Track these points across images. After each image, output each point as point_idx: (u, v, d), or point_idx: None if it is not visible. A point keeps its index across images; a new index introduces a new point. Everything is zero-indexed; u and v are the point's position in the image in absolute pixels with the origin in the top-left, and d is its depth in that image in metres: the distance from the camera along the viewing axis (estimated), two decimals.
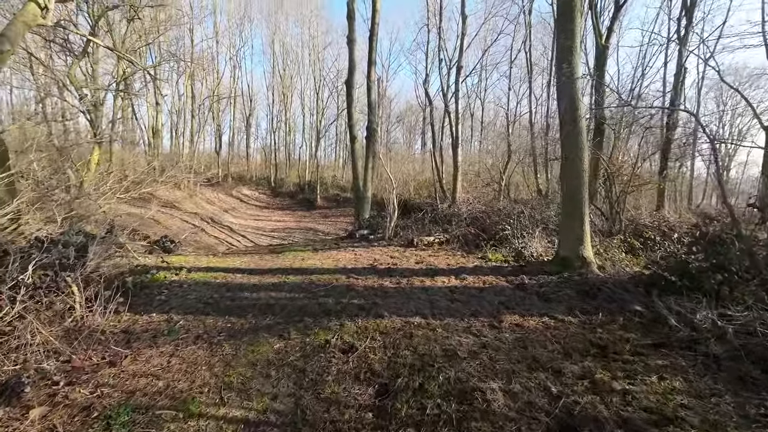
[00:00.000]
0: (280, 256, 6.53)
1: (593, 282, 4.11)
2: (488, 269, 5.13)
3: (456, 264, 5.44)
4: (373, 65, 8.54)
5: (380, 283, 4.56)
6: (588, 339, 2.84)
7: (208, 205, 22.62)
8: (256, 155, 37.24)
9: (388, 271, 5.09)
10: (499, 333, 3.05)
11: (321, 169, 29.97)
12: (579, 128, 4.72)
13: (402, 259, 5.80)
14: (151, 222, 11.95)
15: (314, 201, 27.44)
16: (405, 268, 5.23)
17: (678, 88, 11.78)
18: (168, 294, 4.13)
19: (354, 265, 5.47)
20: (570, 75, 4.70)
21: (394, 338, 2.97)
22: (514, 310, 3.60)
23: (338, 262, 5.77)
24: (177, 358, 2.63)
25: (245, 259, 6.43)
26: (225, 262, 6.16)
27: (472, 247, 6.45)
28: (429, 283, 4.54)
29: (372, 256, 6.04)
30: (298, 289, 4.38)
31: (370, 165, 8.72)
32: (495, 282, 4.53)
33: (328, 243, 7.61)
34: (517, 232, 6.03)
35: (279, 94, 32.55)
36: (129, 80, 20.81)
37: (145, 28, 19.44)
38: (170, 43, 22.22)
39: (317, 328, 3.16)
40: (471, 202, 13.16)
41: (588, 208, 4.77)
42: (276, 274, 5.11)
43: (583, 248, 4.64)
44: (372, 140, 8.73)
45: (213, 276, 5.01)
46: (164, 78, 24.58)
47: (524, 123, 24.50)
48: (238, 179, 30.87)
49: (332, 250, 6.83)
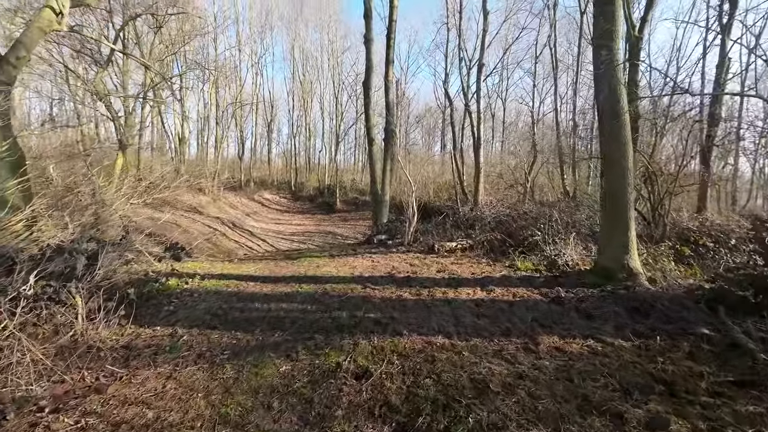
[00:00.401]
0: (295, 263, 6.31)
1: (644, 297, 3.58)
2: (517, 279, 4.66)
3: (481, 273, 5.00)
4: (391, 64, 8.25)
5: (398, 294, 4.20)
6: (648, 371, 2.36)
7: (230, 209, 23.09)
8: (278, 160, 37.92)
9: (407, 280, 4.72)
10: (537, 359, 2.62)
11: (340, 173, 30.03)
12: (622, 122, 4.20)
13: (422, 267, 5.42)
14: (173, 226, 12.17)
15: (333, 204, 27.48)
16: (425, 277, 4.84)
17: (721, 81, 10.75)
18: (177, 304, 3.96)
19: (371, 273, 5.14)
20: (610, 62, 4.19)
21: (414, 362, 2.61)
22: (551, 329, 3.14)
23: (354, 269, 5.47)
24: (173, 382, 2.38)
25: (260, 265, 6.25)
26: (239, 268, 6.00)
27: (498, 254, 5.98)
28: (452, 294, 4.14)
29: (390, 264, 5.69)
30: (311, 300, 4.10)
31: (388, 168, 8.40)
32: (526, 295, 4.07)
33: (345, 249, 7.34)
34: (549, 237, 5.51)
35: (299, 99, 32.99)
36: (157, 89, 21.66)
37: (171, 38, 20.18)
38: (195, 52, 22.95)
39: (328, 348, 2.85)
40: (494, 204, 12.56)
41: (633, 212, 4.22)
42: (289, 282, 4.86)
43: (628, 257, 4.09)
44: (390, 142, 8.42)
45: (225, 284, 4.83)
46: (189, 86, 25.42)
47: (548, 122, 23.56)
48: (260, 184, 31.46)
49: (349, 257, 6.54)
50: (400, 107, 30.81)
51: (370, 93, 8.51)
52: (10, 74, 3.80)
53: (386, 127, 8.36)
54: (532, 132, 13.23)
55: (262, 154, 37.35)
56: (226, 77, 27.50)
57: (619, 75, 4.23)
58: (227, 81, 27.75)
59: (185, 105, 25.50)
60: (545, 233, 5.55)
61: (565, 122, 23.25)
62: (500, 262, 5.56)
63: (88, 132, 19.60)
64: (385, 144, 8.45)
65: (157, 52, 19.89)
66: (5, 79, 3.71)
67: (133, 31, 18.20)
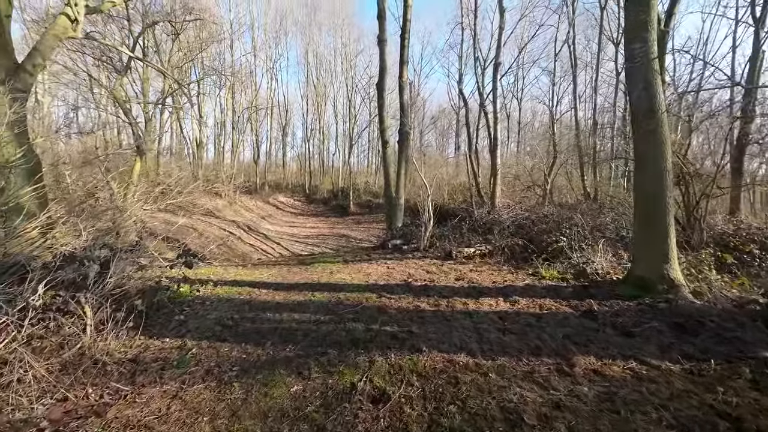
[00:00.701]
0: (308, 268, 6.18)
1: (689, 312, 3.23)
2: (543, 289, 4.36)
3: (503, 282, 4.71)
4: (405, 65, 8.06)
5: (416, 304, 3.98)
6: (707, 403, 2.06)
7: (246, 212, 23.39)
8: (292, 163, 38.36)
9: (424, 289, 4.49)
10: (574, 384, 2.35)
11: (354, 176, 30.04)
12: (658, 120, 3.86)
13: (440, 274, 5.17)
14: (189, 230, 12.32)
15: (347, 207, 27.51)
16: (444, 285, 4.60)
17: (755, 75, 10.06)
18: (188, 313, 3.86)
19: (386, 281, 4.94)
20: (645, 55, 3.86)
21: (436, 384, 2.38)
22: (586, 348, 2.85)
23: (369, 276, 5.27)
24: (179, 402, 2.24)
25: (273, 271, 6.14)
26: (252, 274, 5.91)
27: (519, 260, 5.66)
28: (473, 306, 3.89)
29: (406, 271, 5.47)
30: (324, 309, 3.93)
31: (402, 170, 8.19)
32: (554, 307, 3.77)
33: (359, 254, 7.17)
34: (575, 243, 5.17)
35: (313, 103, 33.26)
36: (175, 96, 22.21)
37: (189, 45, 20.66)
38: (212, 58, 23.42)
39: (342, 365, 2.66)
40: (512, 207, 12.16)
41: (673, 218, 3.86)
42: (302, 290, 4.71)
43: (668, 267, 3.74)
44: (405, 144, 8.22)
45: (238, 291, 4.73)
46: (206, 92, 25.97)
47: (565, 122, 22.86)
48: (275, 187, 31.84)
49: (363, 263, 6.36)
50: (414, 109, 30.61)
51: (384, 94, 8.33)
52: (26, 82, 3.83)
53: (400, 129, 8.15)
54: (551, 131, 12.73)
55: (277, 157, 37.84)
56: (242, 83, 28.03)
57: (656, 68, 3.90)
58: (243, 86, 28.27)
59: (203, 111, 26.10)
60: (571, 239, 5.21)
61: (584, 121, 22.49)
62: (522, 269, 5.25)
63: (110, 138, 20.28)
64: (400, 146, 8.25)
65: (176, 60, 20.42)
66: (21, 86, 3.73)
67: (153, 39, 18.78)
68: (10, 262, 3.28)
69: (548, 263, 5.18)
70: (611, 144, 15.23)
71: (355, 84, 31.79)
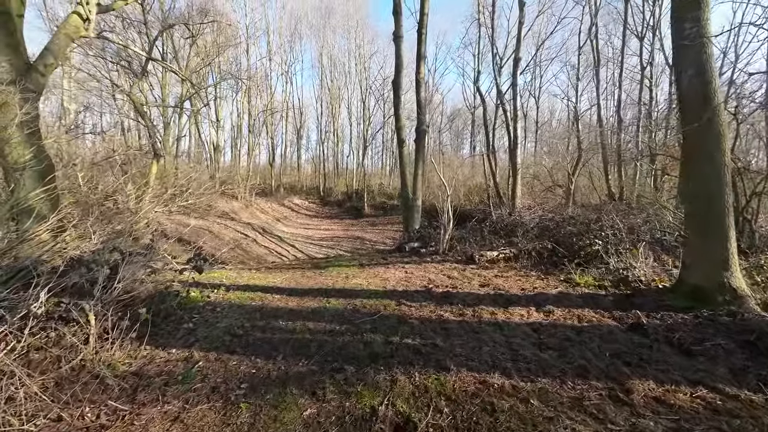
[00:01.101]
0: (323, 273, 5.95)
1: (760, 327, 2.78)
2: (579, 298, 3.95)
3: (532, 289, 4.33)
4: (423, 60, 7.76)
5: (438, 313, 3.66)
6: None
7: (262, 214, 23.59)
8: (307, 166, 38.66)
9: (446, 296, 4.17)
10: (634, 415, 1.98)
11: (368, 178, 29.91)
12: (713, 109, 3.41)
13: (462, 279, 4.83)
14: (205, 233, 12.37)
15: (361, 209, 27.38)
16: (468, 292, 4.26)
17: None
18: (197, 320, 3.67)
19: (405, 287, 4.63)
20: (697, 36, 3.43)
21: (469, 411, 2.07)
22: (641, 370, 2.47)
23: (387, 281, 4.98)
24: (180, 426, 2.01)
25: (287, 275, 5.95)
26: (266, 278, 5.73)
27: (548, 265, 5.25)
28: (502, 316, 3.53)
29: (426, 275, 5.15)
30: (340, 318, 3.66)
31: (419, 171, 7.88)
32: (595, 318, 3.37)
33: (376, 257, 6.89)
34: (611, 247, 4.72)
35: (327, 105, 33.39)
36: (193, 99, 22.66)
37: (206, 50, 21.03)
38: (229, 62, 23.77)
39: (361, 385, 2.38)
40: (533, 208, 11.65)
41: (733, 219, 3.40)
42: (317, 296, 4.47)
43: (729, 275, 3.28)
44: (422, 143, 7.91)
45: (250, 297, 4.54)
46: (223, 96, 26.41)
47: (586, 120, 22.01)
48: (290, 189, 32.09)
49: (380, 266, 6.08)
50: (430, 108, 30.24)
51: (399, 92, 8.06)
52: (38, 82, 3.78)
53: (417, 128, 7.85)
54: (575, 128, 12.13)
55: (292, 160, 38.22)
56: (258, 87, 28.40)
57: (710, 51, 3.46)
58: (259, 90, 28.64)
59: (220, 115, 26.57)
60: (607, 242, 4.77)
61: (607, 118, 21.55)
62: (552, 275, 4.84)
63: (132, 142, 20.82)
64: (417, 145, 7.94)
65: (193, 65, 20.82)
66: (33, 86, 3.67)
67: (171, 45, 19.19)
68: (18, 267, 3.16)
69: (582, 269, 4.74)
70: (637, 141, 14.43)
71: (369, 85, 31.75)
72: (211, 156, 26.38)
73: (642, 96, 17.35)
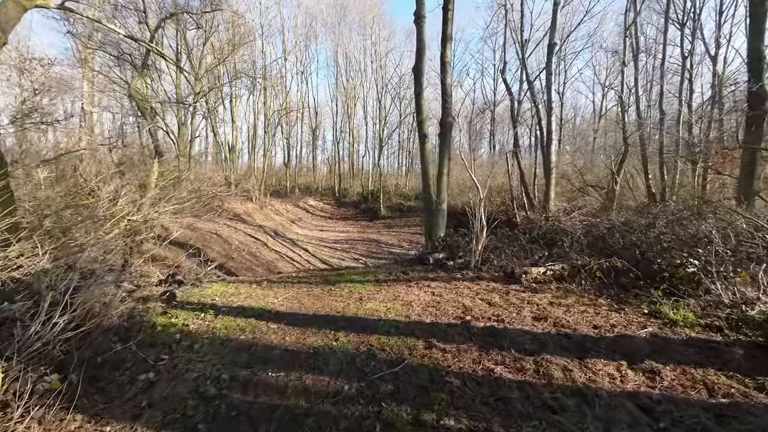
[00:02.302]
0: (333, 290, 5.01)
1: None
2: (686, 347, 2.80)
3: (609, 327, 3.21)
4: (449, 42, 6.71)
5: (486, 366, 2.62)
6: None
7: (276, 216, 23.09)
8: (322, 167, 38.16)
9: (491, 333, 3.12)
10: None
11: (384, 178, 28.97)
12: None
13: (507, 308, 3.76)
14: (214, 237, 11.73)
15: (377, 211, 26.52)
16: (520, 330, 3.19)
17: None
18: (164, 366, 2.78)
19: (434, 317, 3.61)
20: None
21: None
22: None
23: (410, 308, 3.97)
24: None
25: (291, 292, 5.04)
26: (266, 296, 4.84)
27: (617, 288, 4.09)
28: (581, 375, 2.45)
29: (458, 300, 4.11)
30: (350, 369, 2.69)
31: (445, 170, 6.83)
32: (733, 389, 2.23)
33: (394, 270, 5.89)
34: (711, 268, 3.52)
35: (343, 105, 32.71)
36: (207, 99, 22.36)
37: (221, 46, 20.65)
38: (243, 61, 23.36)
39: None
40: (571, 212, 10.36)
41: None
42: (321, 327, 3.52)
43: None
44: (447, 138, 6.86)
45: (241, 326, 3.64)
46: (238, 96, 26.11)
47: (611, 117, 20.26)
48: (305, 190, 31.63)
49: (399, 284, 5.07)
50: None
51: (421, 79, 7.04)
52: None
53: (443, 120, 6.80)
54: (623, 121, 10.72)
55: (308, 161, 37.80)
56: (274, 88, 28.00)
57: None
58: (275, 91, 28.24)
59: (235, 115, 26.31)
60: (706, 261, 3.57)
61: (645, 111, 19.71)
62: (629, 304, 3.69)
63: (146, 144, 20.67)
64: (441, 140, 6.90)
65: (206, 64, 20.47)
66: None
67: (185, 43, 18.86)
68: None
69: (675, 299, 3.55)
70: (679, 137, 12.77)
71: (385, 84, 30.85)
72: (226, 157, 26.14)
73: (683, 88, 15.66)
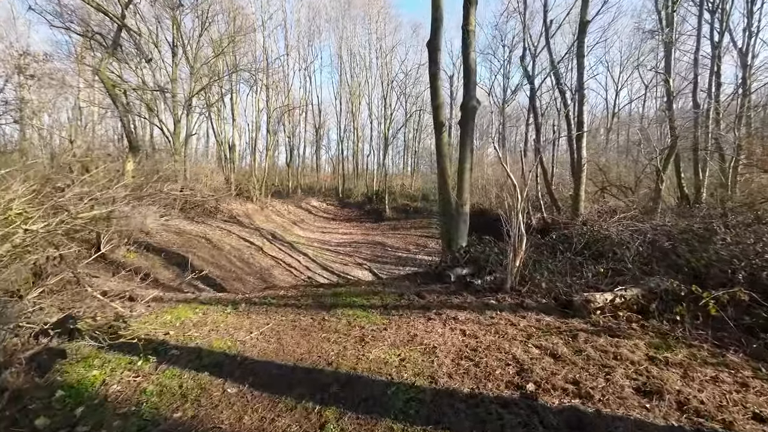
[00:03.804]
0: (327, 321, 3.78)
1: None
2: None
3: (759, 408, 1.95)
4: (473, 6, 5.43)
5: None
6: None
7: (277, 217, 22.04)
8: (326, 166, 37.09)
9: (576, 425, 1.87)
10: None
11: (389, 178, 27.75)
12: None
13: (585, 366, 2.47)
14: (202, 242, 10.57)
15: (382, 212, 25.34)
16: (622, 417, 1.93)
17: None
18: None
19: (474, 383, 2.34)
20: None
21: None
22: None
23: (434, 358, 2.72)
24: None
25: (272, 322, 3.83)
26: (238, 327, 3.64)
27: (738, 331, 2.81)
28: None
29: (504, 347, 2.83)
30: None
31: (467, 165, 5.55)
32: None
33: (406, 290, 4.64)
34: None
35: (347, 103, 31.58)
36: (207, 95, 21.28)
37: (221, 38, 19.55)
38: (243, 54, 22.26)
39: None
40: (604, 214, 9.00)
41: None
42: (303, 396, 2.29)
43: None
44: (470, 126, 5.59)
45: (186, 386, 2.44)
46: (238, 91, 25.04)
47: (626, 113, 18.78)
48: (308, 191, 30.58)
49: (415, 312, 3.82)
50: (455, 103, 27.71)
51: (438, 56, 5.78)
52: None
53: (465, 103, 5.51)
54: (670, 109, 9.32)
55: (312, 161, 36.76)
56: (276, 86, 26.95)
57: None
58: (277, 88, 27.19)
59: (236, 113, 25.27)
60: None
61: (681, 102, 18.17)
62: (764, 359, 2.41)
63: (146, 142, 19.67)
64: (463, 128, 5.63)
65: (203, 56, 19.37)
66: None
67: (179, 35, 17.80)
68: None
69: None
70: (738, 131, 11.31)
71: (390, 81, 29.64)
72: (226, 155, 25.09)
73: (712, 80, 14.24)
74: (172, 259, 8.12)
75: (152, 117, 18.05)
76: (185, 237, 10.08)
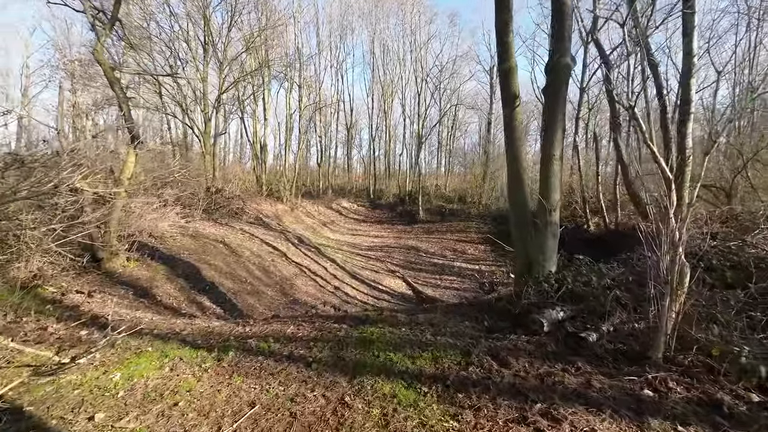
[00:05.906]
0: (347, 408, 2.25)
1: None
2: None
3: None
4: None
5: None
6: None
7: (307, 218, 21.20)
8: (357, 166, 36.10)
9: None
10: None
11: (422, 178, 26.02)
12: None
13: None
14: (217, 248, 9.52)
15: (416, 214, 23.69)
16: None
17: None
18: None
19: None
20: None
21: None
22: None
23: None
24: None
25: (263, 399, 2.36)
26: (200, 416, 2.20)
27: None
28: None
29: None
30: None
31: (557, 152, 3.73)
32: None
33: (470, 344, 2.99)
34: None
35: (379, 100, 30.28)
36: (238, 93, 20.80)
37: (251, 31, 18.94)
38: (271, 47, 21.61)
39: None
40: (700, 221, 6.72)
41: None
42: None
43: None
44: (560, 95, 3.79)
45: None
46: (269, 89, 24.53)
47: None
48: (339, 191, 29.70)
49: (502, 402, 2.16)
50: (495, 98, 25.25)
51: (509, 2, 4.08)
52: None
53: (554, 61, 3.69)
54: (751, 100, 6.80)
55: (343, 161, 35.95)
56: (308, 85, 26.26)
57: None
58: (309, 88, 26.50)
59: (268, 113, 24.82)
60: None
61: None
62: None
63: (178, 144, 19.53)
64: (550, 100, 3.83)
65: (232, 52, 18.82)
66: None
67: (209, 31, 17.35)
68: None
69: None
70: None
71: (425, 76, 27.90)
72: (257, 155, 24.70)
73: None
74: (179, 268, 7.05)
75: (183, 116, 17.87)
76: (201, 241, 9.09)
